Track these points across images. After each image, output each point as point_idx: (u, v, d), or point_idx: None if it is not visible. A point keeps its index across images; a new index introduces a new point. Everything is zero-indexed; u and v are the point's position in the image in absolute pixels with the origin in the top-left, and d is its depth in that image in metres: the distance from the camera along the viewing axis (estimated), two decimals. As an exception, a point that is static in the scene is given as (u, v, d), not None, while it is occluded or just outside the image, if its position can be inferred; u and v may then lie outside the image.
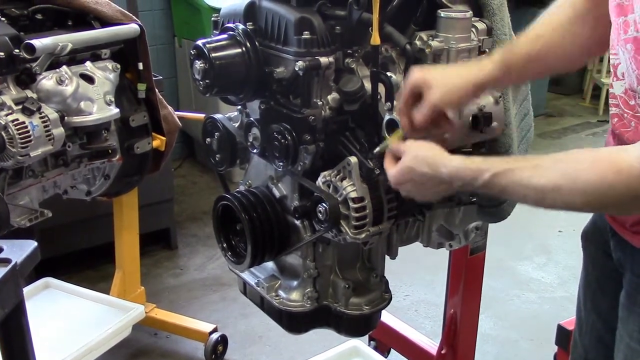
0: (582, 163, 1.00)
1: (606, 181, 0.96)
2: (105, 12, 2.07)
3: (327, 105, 1.34)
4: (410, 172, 1.17)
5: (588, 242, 1.39)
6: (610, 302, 1.28)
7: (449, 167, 1.13)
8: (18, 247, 0.97)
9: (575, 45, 1.24)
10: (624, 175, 0.95)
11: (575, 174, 1.00)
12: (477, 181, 1.09)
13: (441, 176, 1.13)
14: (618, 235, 1.23)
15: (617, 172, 0.95)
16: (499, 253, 3.29)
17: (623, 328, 1.22)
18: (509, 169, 1.06)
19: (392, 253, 1.53)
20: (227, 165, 1.59)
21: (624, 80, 1.08)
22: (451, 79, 1.22)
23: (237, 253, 1.55)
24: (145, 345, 2.75)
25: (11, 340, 0.97)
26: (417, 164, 1.16)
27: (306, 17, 1.30)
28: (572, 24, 1.24)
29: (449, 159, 1.14)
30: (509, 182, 1.06)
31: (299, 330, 1.56)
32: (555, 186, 1.01)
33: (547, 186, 1.02)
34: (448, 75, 1.24)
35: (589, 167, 0.99)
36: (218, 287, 3.16)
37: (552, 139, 5.13)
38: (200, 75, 1.36)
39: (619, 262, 1.25)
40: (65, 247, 3.08)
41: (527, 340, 2.79)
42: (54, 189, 2.10)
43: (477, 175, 1.09)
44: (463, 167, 1.12)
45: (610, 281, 1.30)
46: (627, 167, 0.95)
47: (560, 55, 1.25)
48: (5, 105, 1.73)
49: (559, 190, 1.01)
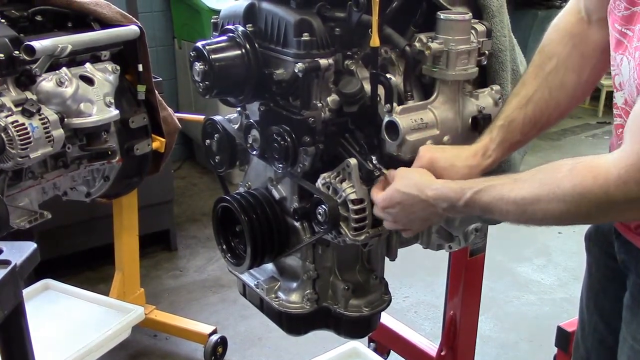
0: (560, 171, 1.00)
1: (584, 187, 0.96)
2: (105, 14, 2.08)
3: (327, 107, 1.34)
4: (397, 194, 1.20)
5: (591, 243, 1.39)
6: (614, 303, 1.28)
7: (433, 189, 1.15)
8: (18, 248, 0.97)
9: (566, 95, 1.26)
10: (601, 180, 0.94)
11: (553, 183, 0.99)
12: (460, 200, 1.11)
13: (426, 197, 1.16)
14: (623, 237, 1.22)
15: (594, 178, 0.95)
16: (499, 255, 3.29)
17: (627, 330, 1.21)
18: (489, 185, 1.08)
19: (391, 255, 1.53)
20: (227, 166, 1.59)
21: (623, 91, 1.08)
22: (459, 171, 1.23)
23: (236, 254, 1.55)
24: (144, 347, 2.75)
25: (11, 341, 0.97)
26: (405, 186, 1.19)
27: (306, 19, 1.30)
28: (556, 72, 1.25)
29: (434, 182, 1.18)
30: (491, 198, 1.07)
31: (298, 332, 1.56)
32: (534, 197, 1.01)
33: (527, 198, 1.02)
34: (456, 164, 1.24)
35: (566, 175, 0.98)
36: (218, 288, 3.16)
37: (551, 141, 5.13)
38: (200, 77, 1.36)
39: (624, 264, 1.24)
40: (64, 248, 3.08)
41: (527, 342, 2.79)
42: (54, 190, 2.10)
43: (459, 194, 1.11)
44: (447, 188, 1.14)
45: (613, 283, 1.30)
46: (604, 173, 0.94)
47: (554, 107, 1.26)
48: (5, 107, 1.73)
49: (539, 201, 1.01)
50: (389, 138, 1.30)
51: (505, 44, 1.42)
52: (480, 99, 1.40)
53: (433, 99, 1.34)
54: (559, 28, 1.28)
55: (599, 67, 1.25)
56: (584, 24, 1.25)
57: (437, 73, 1.33)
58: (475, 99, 1.39)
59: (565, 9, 1.30)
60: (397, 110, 1.29)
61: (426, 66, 1.34)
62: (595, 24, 1.23)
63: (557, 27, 1.28)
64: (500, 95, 1.42)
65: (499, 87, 1.43)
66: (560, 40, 1.26)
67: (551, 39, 1.28)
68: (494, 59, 1.42)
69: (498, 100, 1.41)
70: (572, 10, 1.27)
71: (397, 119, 1.27)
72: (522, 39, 1.54)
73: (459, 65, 1.32)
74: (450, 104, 1.35)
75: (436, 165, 1.23)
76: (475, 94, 1.40)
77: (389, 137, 1.30)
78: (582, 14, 1.25)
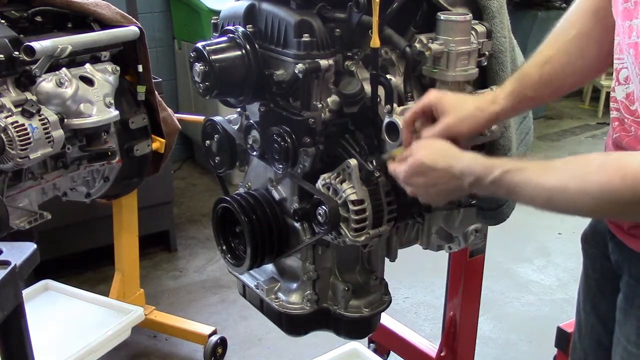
0: (591, 166, 1.00)
1: (612, 186, 0.96)
2: (105, 15, 2.08)
3: (327, 107, 1.34)
4: (422, 167, 1.17)
5: (588, 244, 1.39)
6: (610, 305, 1.28)
7: (462, 161, 1.13)
8: (17, 249, 0.97)
9: (584, 60, 1.25)
10: (629, 180, 0.94)
11: (583, 176, 0.99)
12: (488, 177, 1.09)
13: (453, 170, 1.13)
14: (616, 238, 1.23)
15: (623, 177, 0.95)
16: (499, 255, 3.29)
17: (620, 331, 1.22)
18: (519, 168, 1.07)
19: (391, 255, 1.54)
20: (227, 167, 1.59)
21: (627, 85, 1.08)
22: (467, 108, 1.23)
23: (236, 255, 1.55)
24: (144, 348, 2.75)
25: (10, 342, 0.97)
26: (431, 156, 1.16)
27: (306, 20, 1.31)
28: (578, 40, 1.24)
29: (462, 153, 1.15)
30: (519, 181, 1.06)
31: (298, 333, 1.56)
32: (563, 187, 1.01)
33: (556, 187, 1.02)
34: (464, 103, 1.24)
35: (596, 171, 0.98)
36: (217, 289, 3.16)
37: (551, 142, 5.13)
38: (200, 78, 1.36)
39: (617, 264, 1.25)
40: (64, 249, 3.07)
41: (527, 343, 2.79)
42: (54, 191, 2.10)
43: (488, 171, 1.09)
44: (475, 162, 1.12)
45: (609, 284, 1.30)
46: (633, 173, 0.94)
47: (570, 73, 1.25)
48: (5, 108, 1.73)
49: (567, 191, 1.01)
50: (389, 139, 1.30)
51: (506, 45, 1.42)
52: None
53: (433, 99, 1.34)
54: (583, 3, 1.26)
55: None
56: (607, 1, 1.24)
57: (437, 74, 1.33)
58: (476, 99, 1.39)
59: None
60: (397, 111, 1.29)
61: (426, 67, 1.34)
62: None
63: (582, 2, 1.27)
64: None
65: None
66: (585, 12, 1.25)
67: (574, 11, 1.27)
68: (494, 59, 1.42)
69: (498, 101, 1.41)
70: None
71: (397, 119, 1.27)
72: (522, 39, 1.54)
73: (459, 66, 1.32)
74: (450, 105, 1.34)
75: (443, 101, 1.22)
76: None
77: (389, 138, 1.30)
78: None
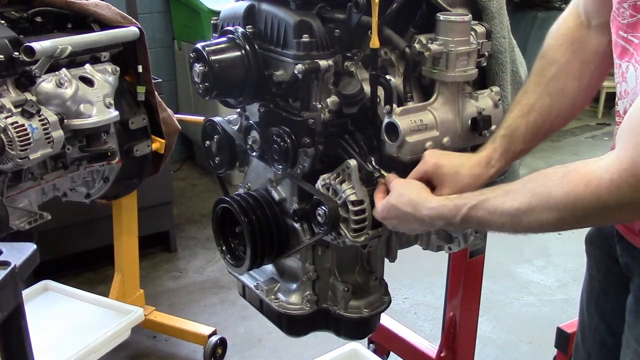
0: (551, 179, 0.99)
1: (577, 195, 0.95)
2: (104, 15, 2.08)
3: (327, 108, 1.34)
4: (394, 209, 1.21)
5: (592, 246, 1.38)
6: (615, 306, 1.28)
7: (429, 209, 1.15)
8: (17, 249, 0.96)
9: (568, 102, 1.25)
10: (593, 186, 0.94)
11: (545, 191, 0.99)
12: (456, 218, 1.11)
13: (422, 216, 1.17)
14: (626, 240, 1.22)
15: (586, 184, 0.94)
16: (498, 256, 3.29)
17: (630, 333, 1.20)
18: (483, 199, 1.07)
19: (391, 256, 1.53)
20: (227, 168, 1.59)
21: (626, 99, 1.08)
22: (464, 179, 1.23)
23: (236, 256, 1.55)
24: (144, 348, 2.75)
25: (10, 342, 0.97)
26: (401, 203, 1.20)
27: (305, 20, 1.31)
28: (558, 80, 1.24)
29: (429, 200, 1.17)
30: (485, 213, 1.07)
31: (298, 333, 1.56)
32: (527, 207, 1.01)
33: (520, 209, 1.02)
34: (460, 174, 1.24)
35: (558, 183, 0.98)
36: (217, 289, 3.16)
37: (551, 142, 5.13)
38: (200, 78, 1.36)
39: (627, 267, 1.24)
40: (64, 249, 3.08)
41: (527, 343, 2.79)
42: (53, 191, 2.10)
43: (454, 212, 1.11)
44: (442, 206, 1.14)
45: (615, 286, 1.29)
46: (596, 178, 0.94)
47: (555, 117, 1.26)
48: (5, 108, 1.73)
49: (532, 211, 1.00)
50: (389, 139, 1.30)
51: (505, 46, 1.42)
52: (479, 100, 1.40)
53: (433, 100, 1.34)
54: (558, 34, 1.27)
55: (599, 72, 1.25)
56: (583, 29, 1.24)
57: (436, 74, 1.33)
58: (475, 100, 1.40)
59: (564, 13, 1.29)
60: (396, 111, 1.29)
61: (426, 67, 1.34)
62: (595, 29, 1.23)
63: (557, 33, 1.28)
64: (500, 97, 1.42)
65: (498, 89, 1.43)
66: (560, 46, 1.26)
67: (551, 44, 1.27)
68: (494, 60, 1.42)
69: (498, 101, 1.41)
70: (572, 14, 1.27)
71: (396, 120, 1.27)
72: (522, 40, 1.54)
73: (458, 66, 1.32)
74: (449, 106, 1.35)
75: (440, 172, 1.23)
76: (474, 96, 1.40)
77: (388, 139, 1.30)
78: (582, 19, 1.25)
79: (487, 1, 1.40)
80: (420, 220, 1.18)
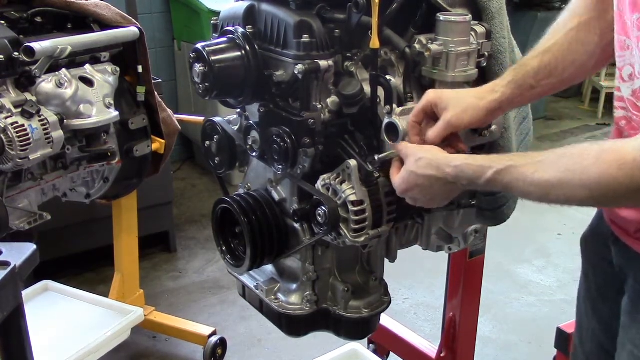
0: (586, 158, 0.99)
1: (610, 175, 0.96)
2: (104, 15, 2.08)
3: (327, 108, 1.34)
4: (414, 176, 1.17)
5: (588, 248, 1.38)
6: (612, 308, 1.27)
7: (453, 167, 1.13)
8: (17, 249, 0.96)
9: (585, 52, 1.24)
10: (628, 168, 0.94)
11: (579, 169, 0.99)
12: (481, 179, 1.09)
13: (446, 177, 1.14)
14: (621, 242, 1.21)
15: (621, 165, 0.95)
16: (498, 256, 3.29)
17: (625, 335, 1.20)
18: (511, 166, 1.06)
19: (391, 256, 1.54)
20: (227, 168, 1.59)
21: (632, 82, 1.08)
22: (466, 100, 1.22)
23: (236, 256, 1.55)
24: (144, 349, 2.75)
25: (10, 343, 0.97)
26: (421, 167, 1.16)
27: (306, 21, 1.31)
28: (579, 31, 1.23)
29: (452, 159, 1.15)
30: (512, 179, 1.06)
31: (298, 334, 1.56)
32: (559, 182, 1.01)
33: (551, 181, 1.01)
34: (463, 96, 1.24)
35: (593, 162, 0.98)
36: (217, 290, 3.16)
37: (551, 142, 5.13)
38: (200, 79, 1.36)
39: (621, 269, 1.23)
40: (64, 250, 3.07)
41: (526, 343, 2.79)
42: (53, 191, 2.10)
43: (479, 173, 1.09)
44: (466, 165, 1.12)
45: (611, 288, 1.29)
46: (631, 160, 0.94)
47: (570, 64, 1.24)
48: (5, 108, 1.73)
49: (563, 185, 1.00)
50: (389, 139, 1.30)
51: (505, 46, 1.42)
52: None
53: (433, 100, 1.34)
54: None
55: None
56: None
57: (436, 74, 1.33)
58: (475, 100, 1.39)
59: None
60: (396, 111, 1.29)
61: (426, 68, 1.34)
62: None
63: None
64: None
65: (498, 89, 1.43)
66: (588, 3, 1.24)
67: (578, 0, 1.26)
68: (494, 60, 1.42)
69: (498, 101, 1.41)
70: None
71: (396, 120, 1.27)
72: (522, 40, 1.54)
73: (458, 66, 1.32)
74: (450, 106, 1.34)
75: (442, 97, 1.22)
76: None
77: (388, 139, 1.30)
78: None
79: (487, 1, 1.40)
80: (443, 181, 1.14)
